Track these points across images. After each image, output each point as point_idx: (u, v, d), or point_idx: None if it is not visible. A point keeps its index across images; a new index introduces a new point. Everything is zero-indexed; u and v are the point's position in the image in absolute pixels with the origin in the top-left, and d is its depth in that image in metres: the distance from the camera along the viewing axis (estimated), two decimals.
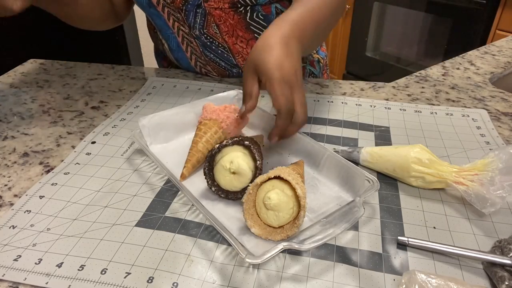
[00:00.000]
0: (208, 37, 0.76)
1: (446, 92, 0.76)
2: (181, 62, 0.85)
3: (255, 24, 0.75)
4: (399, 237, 0.44)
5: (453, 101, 0.74)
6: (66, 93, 0.78)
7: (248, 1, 0.71)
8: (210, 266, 0.42)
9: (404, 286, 0.37)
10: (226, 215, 0.48)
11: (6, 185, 0.54)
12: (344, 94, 0.76)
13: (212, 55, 0.79)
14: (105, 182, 0.54)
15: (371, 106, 0.71)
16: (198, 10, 0.73)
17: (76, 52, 1.63)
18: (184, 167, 0.53)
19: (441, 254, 0.43)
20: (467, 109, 0.70)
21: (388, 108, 0.71)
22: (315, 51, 0.90)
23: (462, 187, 0.48)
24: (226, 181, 0.48)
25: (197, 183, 0.52)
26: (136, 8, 0.85)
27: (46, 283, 0.40)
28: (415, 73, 0.84)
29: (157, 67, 0.96)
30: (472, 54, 0.94)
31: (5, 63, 0.95)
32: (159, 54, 0.96)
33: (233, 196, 0.49)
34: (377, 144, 0.61)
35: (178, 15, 0.75)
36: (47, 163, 0.58)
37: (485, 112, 0.69)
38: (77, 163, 0.58)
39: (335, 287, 0.40)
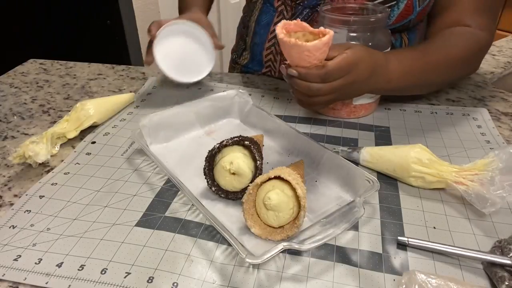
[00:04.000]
0: None
1: (446, 92, 0.76)
2: (256, 38, 0.83)
3: None
4: (399, 237, 0.44)
5: (453, 101, 0.74)
6: (66, 93, 0.78)
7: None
8: (210, 266, 0.42)
9: (404, 286, 0.37)
10: (226, 215, 0.48)
11: (6, 185, 0.54)
12: None
13: None
14: (105, 182, 0.54)
15: None
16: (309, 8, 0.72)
17: (76, 52, 1.63)
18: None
19: (441, 254, 0.43)
20: (467, 108, 0.70)
21: (388, 108, 0.71)
22: None
23: (462, 187, 0.48)
24: (226, 181, 0.48)
25: (197, 183, 0.52)
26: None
27: (46, 283, 0.40)
28: None
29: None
30: None
31: (5, 63, 0.95)
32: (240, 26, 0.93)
33: (233, 196, 0.49)
34: (377, 144, 0.61)
35: (289, 1, 0.74)
36: (47, 163, 0.58)
37: (486, 110, 0.69)
38: (77, 163, 0.58)
39: (335, 287, 0.40)
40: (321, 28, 0.52)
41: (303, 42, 0.50)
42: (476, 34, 0.66)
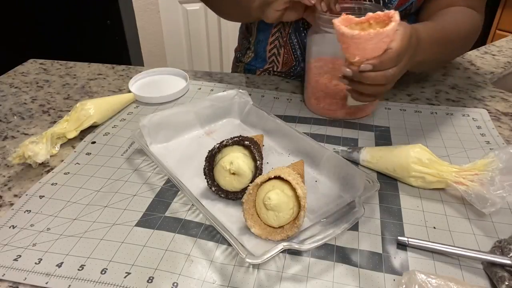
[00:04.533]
0: (305, 24, 0.76)
1: (446, 92, 0.76)
2: (260, 35, 0.83)
3: None
4: (399, 237, 0.44)
5: (453, 101, 0.74)
6: (66, 93, 0.78)
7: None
8: (210, 266, 0.42)
9: (404, 286, 0.37)
10: (226, 215, 0.48)
11: (6, 185, 0.54)
12: None
13: (295, 40, 0.78)
14: (105, 182, 0.54)
15: None
16: None
17: (76, 52, 1.63)
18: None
19: (441, 254, 0.43)
20: (467, 108, 0.70)
21: (388, 108, 0.71)
22: None
23: (462, 187, 0.48)
24: (226, 181, 0.48)
25: (197, 183, 0.52)
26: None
27: (46, 283, 0.40)
28: (415, 73, 0.84)
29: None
30: (472, 54, 0.94)
31: (5, 63, 0.95)
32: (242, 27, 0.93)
33: (233, 196, 0.49)
34: (377, 144, 0.61)
35: None
36: (47, 163, 0.58)
37: (485, 111, 0.69)
38: (77, 163, 0.58)
39: (335, 287, 0.40)
40: (369, 14, 0.51)
41: (380, 29, 0.48)
42: (473, 13, 0.68)
